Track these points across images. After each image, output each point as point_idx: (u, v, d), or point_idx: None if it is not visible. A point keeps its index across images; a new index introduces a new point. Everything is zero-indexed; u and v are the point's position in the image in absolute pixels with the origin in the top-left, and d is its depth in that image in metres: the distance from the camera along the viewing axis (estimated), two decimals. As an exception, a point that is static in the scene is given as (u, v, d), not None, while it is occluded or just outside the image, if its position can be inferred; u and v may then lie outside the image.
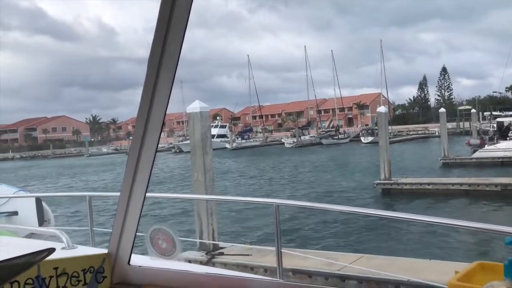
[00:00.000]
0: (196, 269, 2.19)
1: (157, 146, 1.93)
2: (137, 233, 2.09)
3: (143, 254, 2.31)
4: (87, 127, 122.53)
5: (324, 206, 4.76)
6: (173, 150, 72.38)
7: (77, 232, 5.15)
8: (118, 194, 2.08)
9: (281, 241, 3.88)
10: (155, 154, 1.93)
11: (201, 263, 8.78)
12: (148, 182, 1.98)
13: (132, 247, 2.12)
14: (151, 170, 1.95)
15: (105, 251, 2.17)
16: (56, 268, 1.97)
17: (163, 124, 1.95)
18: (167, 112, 1.89)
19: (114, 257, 2.14)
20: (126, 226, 2.07)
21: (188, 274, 2.06)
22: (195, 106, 9.06)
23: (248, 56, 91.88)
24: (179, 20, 1.68)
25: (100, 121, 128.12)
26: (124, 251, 2.12)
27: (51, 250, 1.40)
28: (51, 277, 1.95)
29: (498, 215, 14.60)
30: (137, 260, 2.18)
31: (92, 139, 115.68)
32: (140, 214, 2.05)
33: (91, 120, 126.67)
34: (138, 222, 2.06)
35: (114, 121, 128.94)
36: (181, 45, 1.74)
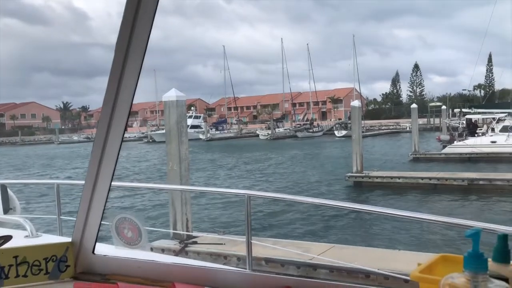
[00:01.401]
0: (163, 259, 2.15)
1: (124, 134, 1.91)
2: (102, 222, 2.06)
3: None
4: (58, 114, 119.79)
5: (295, 198, 4.84)
6: (144, 140, 71.45)
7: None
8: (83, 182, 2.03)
9: (251, 231, 3.91)
10: (121, 143, 1.91)
11: (174, 251, 8.80)
12: (114, 170, 1.96)
13: (97, 236, 2.08)
14: (117, 158, 1.92)
15: (69, 239, 2.13)
16: (16, 257, 1.93)
17: (136, 112, 1.91)
18: (141, 101, 1.86)
19: (78, 246, 2.10)
20: (91, 214, 2.04)
21: (154, 263, 2.03)
22: (171, 95, 9.00)
23: (223, 47, 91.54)
24: (149, 4, 1.65)
25: (71, 108, 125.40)
26: (89, 240, 2.09)
27: (8, 238, 1.36)
28: (10, 265, 1.91)
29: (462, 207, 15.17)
30: (102, 249, 2.15)
31: (63, 127, 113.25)
32: (106, 203, 2.02)
33: (62, 107, 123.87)
34: (104, 211, 2.03)
35: (85, 109, 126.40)
36: (150, 31, 1.70)
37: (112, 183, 2.00)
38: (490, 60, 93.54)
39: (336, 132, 63.03)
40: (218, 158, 37.85)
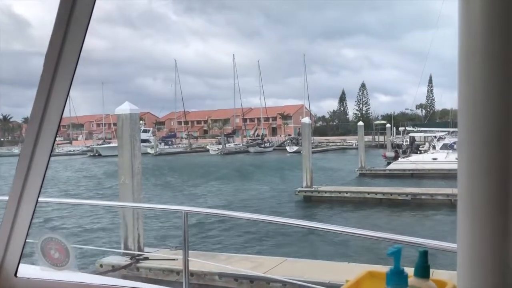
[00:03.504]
0: (91, 280, 2.06)
1: (52, 148, 1.82)
2: (26, 241, 1.93)
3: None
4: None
5: (234, 213, 4.85)
6: (89, 154, 68.67)
7: None
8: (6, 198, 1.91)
9: (188, 248, 3.89)
10: (50, 157, 1.81)
11: (124, 268, 8.61)
12: (41, 187, 1.85)
13: (20, 257, 1.93)
14: (45, 174, 1.82)
15: None
16: None
17: (81, 125, 1.80)
18: (87, 114, 1.79)
19: None
20: (14, 234, 1.88)
21: (82, 285, 1.95)
22: (125, 108, 8.91)
23: (175, 61, 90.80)
24: (82, 12, 1.57)
25: (11, 119, 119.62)
26: (11, 261, 1.92)
27: None
28: None
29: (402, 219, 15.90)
30: (26, 270, 2.00)
31: (2, 139, 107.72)
32: (31, 221, 1.88)
33: (1, 118, 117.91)
34: (28, 230, 1.89)
35: (27, 121, 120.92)
36: (83, 41, 1.62)
37: (40, 199, 1.90)
38: (430, 81, 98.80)
39: (287, 148, 63.96)
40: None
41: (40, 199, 1.89)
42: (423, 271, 1.18)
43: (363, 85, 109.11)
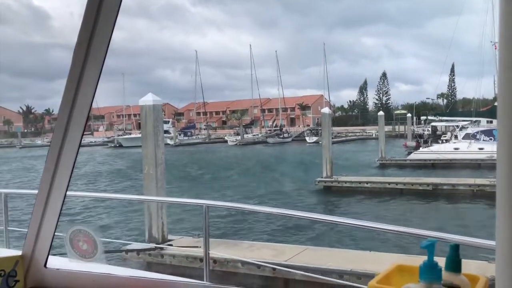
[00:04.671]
0: (119, 272, 2.09)
1: (81, 140, 1.84)
2: (56, 233, 1.98)
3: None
4: (20, 117, 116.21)
5: (253, 207, 4.92)
6: (110, 145, 69.58)
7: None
8: (36, 192, 1.95)
9: (209, 242, 3.94)
10: (78, 149, 1.84)
11: (149, 255, 8.81)
12: (70, 179, 1.88)
13: (50, 248, 1.99)
14: (74, 166, 1.85)
15: (19, 252, 2.02)
16: None
17: (102, 116, 1.84)
18: (107, 105, 1.83)
19: (29, 259, 1.99)
20: (44, 226, 1.94)
21: (110, 277, 1.98)
22: (148, 99, 9.06)
23: (196, 52, 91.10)
24: (110, 5, 1.59)
25: (34, 111, 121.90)
26: (41, 253, 1.99)
27: None
28: None
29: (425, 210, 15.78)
30: (55, 262, 2.05)
31: (26, 130, 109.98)
32: (60, 213, 1.94)
33: (25, 110, 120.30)
34: (57, 222, 1.95)
35: (49, 112, 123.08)
36: (112, 33, 1.64)
37: (68, 192, 1.94)
38: (452, 70, 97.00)
39: (307, 138, 63.78)
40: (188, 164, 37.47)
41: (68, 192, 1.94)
42: (454, 265, 1.17)
43: (384, 75, 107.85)
